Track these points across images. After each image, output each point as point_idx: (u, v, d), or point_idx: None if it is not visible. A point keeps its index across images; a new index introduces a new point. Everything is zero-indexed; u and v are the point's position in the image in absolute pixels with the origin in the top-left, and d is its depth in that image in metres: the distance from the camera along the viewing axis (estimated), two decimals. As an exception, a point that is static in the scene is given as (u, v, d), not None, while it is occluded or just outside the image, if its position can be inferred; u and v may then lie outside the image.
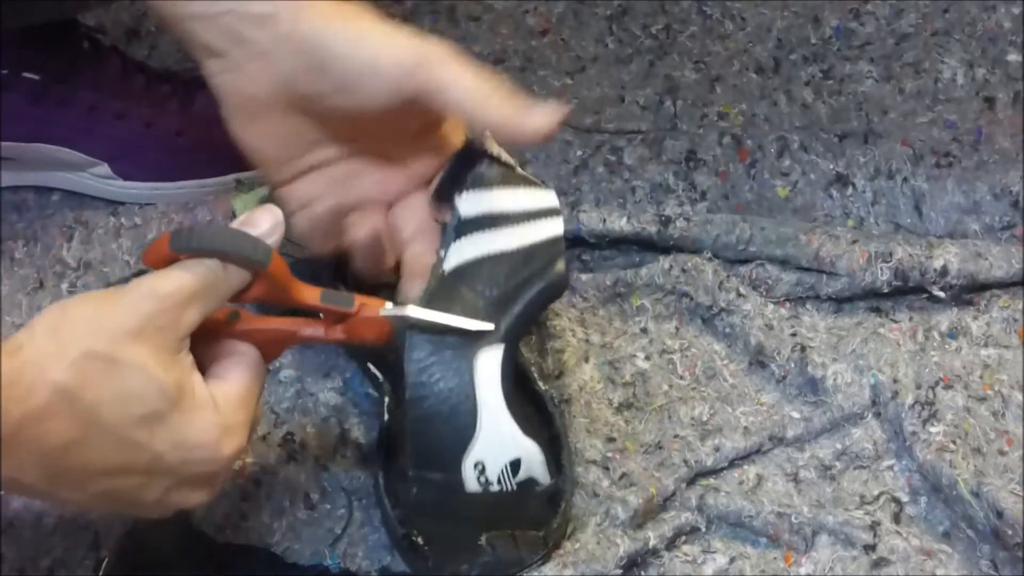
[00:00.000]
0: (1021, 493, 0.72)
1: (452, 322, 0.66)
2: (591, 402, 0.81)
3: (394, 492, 0.72)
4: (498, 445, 0.67)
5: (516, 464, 0.68)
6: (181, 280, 0.58)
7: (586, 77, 1.01)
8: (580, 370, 0.82)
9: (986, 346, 0.83)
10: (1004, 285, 0.85)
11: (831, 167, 0.93)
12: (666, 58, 1.02)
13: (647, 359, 0.84)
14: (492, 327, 0.67)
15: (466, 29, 1.05)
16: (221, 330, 0.61)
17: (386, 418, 0.73)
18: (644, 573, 0.72)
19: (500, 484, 0.68)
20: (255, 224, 0.61)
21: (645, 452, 0.78)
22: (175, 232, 0.59)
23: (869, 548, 0.72)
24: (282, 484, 0.77)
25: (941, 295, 0.84)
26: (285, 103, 0.65)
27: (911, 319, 0.84)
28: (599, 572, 0.70)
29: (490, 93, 0.63)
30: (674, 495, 0.75)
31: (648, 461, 0.77)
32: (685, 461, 0.76)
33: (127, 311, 0.56)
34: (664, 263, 0.86)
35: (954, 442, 0.76)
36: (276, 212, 0.61)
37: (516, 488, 0.68)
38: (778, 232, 0.85)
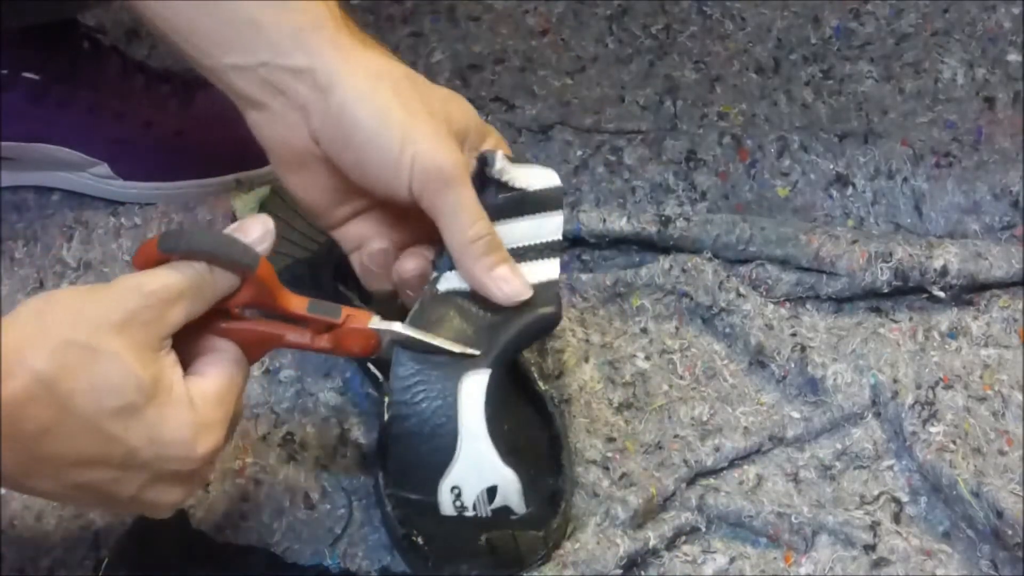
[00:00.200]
0: (1021, 493, 0.72)
1: (438, 343, 0.66)
2: (591, 402, 0.81)
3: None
4: (476, 471, 0.67)
5: (493, 491, 0.68)
6: (168, 279, 0.58)
7: (586, 77, 1.01)
8: (580, 370, 0.82)
9: (986, 346, 0.83)
10: (1004, 285, 0.85)
11: (831, 167, 0.93)
12: (666, 58, 1.02)
13: (647, 359, 0.84)
14: (478, 353, 0.67)
15: (466, 29, 1.04)
16: (206, 326, 0.62)
17: (386, 418, 0.73)
18: (644, 573, 0.72)
19: (475, 510, 0.68)
20: (246, 232, 0.62)
21: (645, 452, 0.78)
22: (164, 234, 0.59)
23: (869, 548, 0.72)
24: (282, 484, 0.77)
25: (941, 295, 0.84)
26: (323, 154, 0.66)
27: (911, 319, 0.84)
28: (599, 572, 0.70)
29: (476, 255, 0.66)
30: (674, 495, 0.75)
31: (648, 461, 0.77)
32: (685, 461, 0.76)
33: (112, 304, 0.56)
34: (664, 263, 0.86)
35: (954, 442, 0.75)
36: (267, 221, 0.62)
37: (491, 515, 0.68)
38: (778, 232, 0.85)
